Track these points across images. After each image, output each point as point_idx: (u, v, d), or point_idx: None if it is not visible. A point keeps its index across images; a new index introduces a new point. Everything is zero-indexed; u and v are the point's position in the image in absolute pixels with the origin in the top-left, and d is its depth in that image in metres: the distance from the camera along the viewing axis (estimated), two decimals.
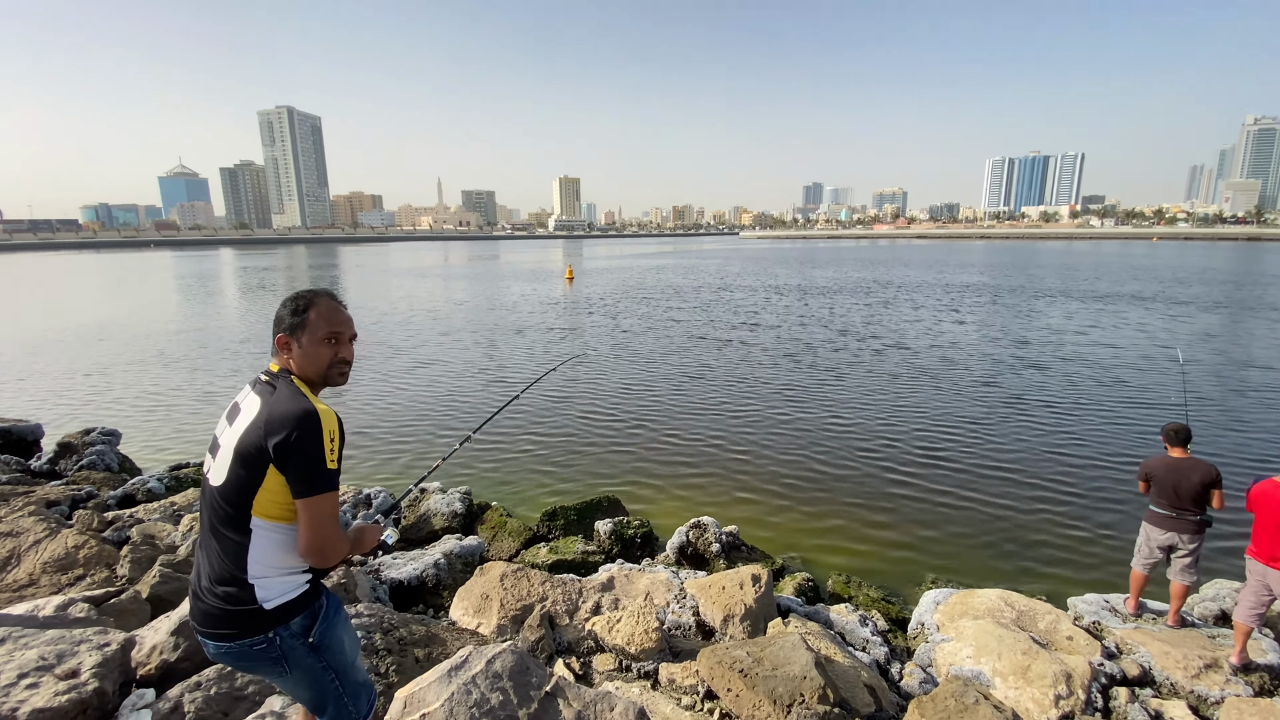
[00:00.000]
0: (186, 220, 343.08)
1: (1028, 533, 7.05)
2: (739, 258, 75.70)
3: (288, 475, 1.76)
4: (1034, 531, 7.07)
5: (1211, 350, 16.44)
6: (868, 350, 16.51)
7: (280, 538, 1.82)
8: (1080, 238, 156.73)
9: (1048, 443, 9.58)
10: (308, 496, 1.76)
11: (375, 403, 12.41)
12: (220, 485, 1.80)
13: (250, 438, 1.77)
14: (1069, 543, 6.82)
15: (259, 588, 1.81)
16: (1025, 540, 6.91)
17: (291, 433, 1.74)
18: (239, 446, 1.78)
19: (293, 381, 1.91)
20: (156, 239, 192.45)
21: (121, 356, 17.16)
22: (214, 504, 1.82)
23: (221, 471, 1.81)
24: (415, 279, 46.52)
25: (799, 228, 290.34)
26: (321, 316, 1.97)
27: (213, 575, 1.82)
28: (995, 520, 7.33)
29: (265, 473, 1.76)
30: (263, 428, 1.76)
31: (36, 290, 41.53)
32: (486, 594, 4.56)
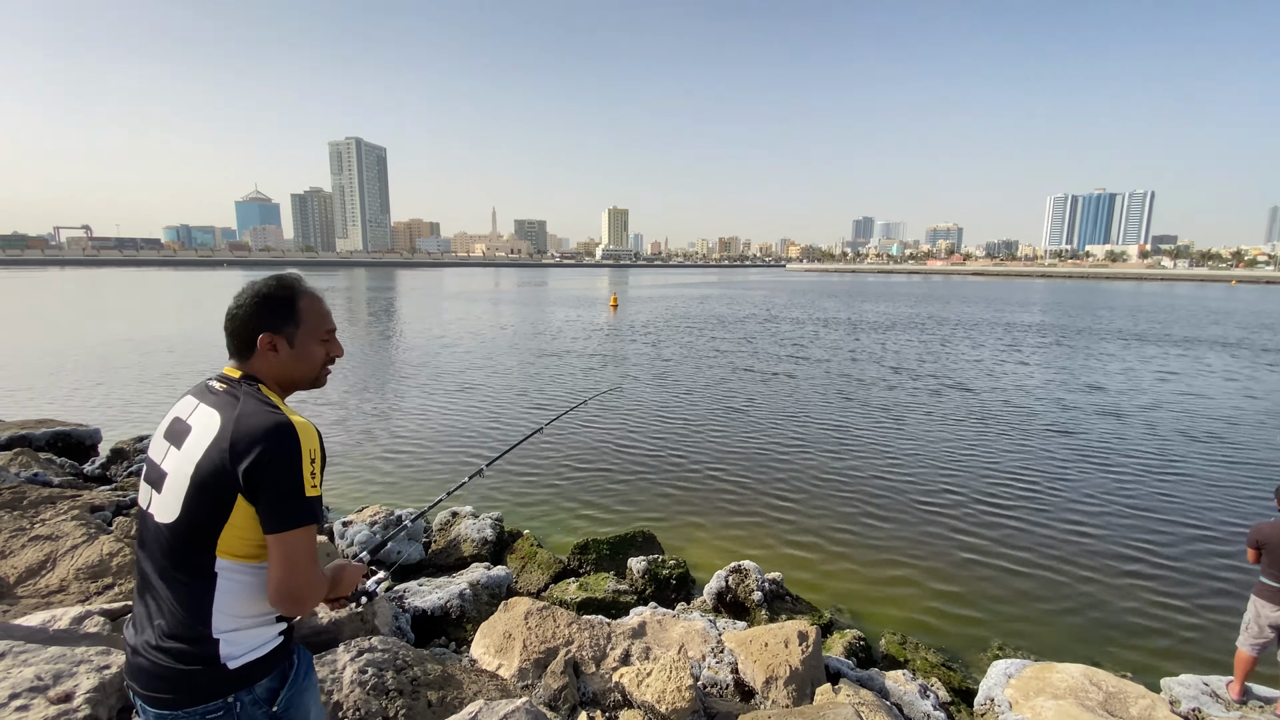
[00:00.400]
0: (258, 242, 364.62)
1: (1111, 600, 6.32)
2: (785, 289, 74.84)
3: (259, 506, 1.45)
4: (1118, 599, 6.33)
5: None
6: (925, 390, 15.64)
7: (251, 580, 1.51)
8: (1151, 278, 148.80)
9: (1133, 500, 8.70)
10: (282, 531, 1.44)
11: (415, 421, 12.45)
12: (173, 522, 1.46)
13: (211, 462, 1.44)
14: (1160, 615, 6.06)
15: (224, 643, 1.48)
16: (1108, 609, 6.18)
17: (264, 454, 1.42)
18: (196, 474, 1.45)
19: (260, 390, 1.59)
20: (229, 259, 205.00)
21: (188, 367, 17.93)
22: (163, 544, 1.48)
23: (172, 505, 1.47)
24: (466, 302, 47.67)
25: (848, 261, 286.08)
26: (315, 310, 1.69)
27: (164, 629, 1.48)
28: (1072, 585, 6.60)
29: (233, 504, 1.44)
30: (227, 449, 1.43)
31: (117, 302, 44.40)
32: (509, 632, 4.27)
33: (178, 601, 1.48)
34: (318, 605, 1.56)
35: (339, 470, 9.62)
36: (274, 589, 1.46)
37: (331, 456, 10.24)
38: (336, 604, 1.83)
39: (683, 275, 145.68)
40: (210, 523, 1.45)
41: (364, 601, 1.89)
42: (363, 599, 1.87)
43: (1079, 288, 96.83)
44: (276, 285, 1.65)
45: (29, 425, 9.01)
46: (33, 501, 6.11)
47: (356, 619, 3.66)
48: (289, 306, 1.65)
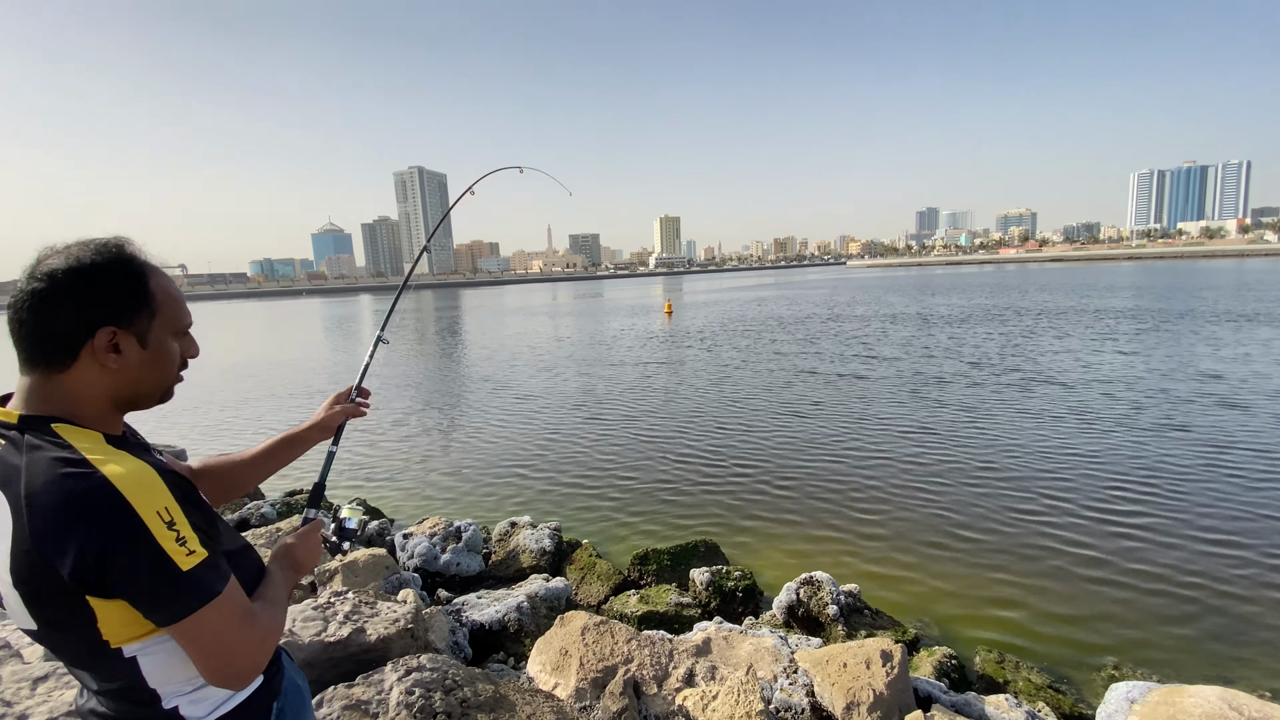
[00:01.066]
0: (333, 271, 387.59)
1: (1239, 612, 5.49)
2: (847, 287, 72.49)
3: (127, 601, 1.04)
4: (1246, 610, 5.50)
5: None
6: (1010, 385, 14.40)
7: (175, 646, 1.11)
8: (1254, 254, 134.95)
9: (1264, 500, 7.66)
10: (175, 623, 1.05)
11: (475, 435, 12.58)
12: (37, 631, 1.08)
13: (24, 569, 1.01)
14: None
15: (185, 705, 1.16)
16: (1235, 622, 5.37)
17: (86, 547, 0.97)
18: (19, 585, 1.03)
19: (56, 433, 1.06)
20: (308, 288, 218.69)
21: (268, 389, 18.96)
22: (50, 646, 1.12)
23: (21, 615, 1.07)
24: (525, 317, 48.65)
25: (913, 254, 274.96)
26: (170, 293, 1.24)
27: (108, 706, 1.16)
28: (1195, 594, 5.80)
29: (89, 606, 1.03)
30: (33, 550, 0.98)
31: (212, 333, 47.87)
32: (566, 649, 4.05)
33: (107, 685, 1.14)
34: (267, 660, 1.19)
35: (399, 485, 9.77)
36: (202, 674, 1.11)
37: (393, 471, 10.44)
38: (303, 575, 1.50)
39: (737, 279, 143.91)
40: (79, 626, 1.06)
41: (345, 549, 1.70)
42: (343, 548, 1.67)
43: (1172, 268, 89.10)
44: (114, 255, 1.13)
45: None
46: None
47: (406, 635, 3.53)
48: (137, 286, 1.16)
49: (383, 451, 11.55)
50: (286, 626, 3.51)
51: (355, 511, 1.78)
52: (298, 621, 3.38)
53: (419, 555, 6.14)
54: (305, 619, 3.44)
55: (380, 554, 5.52)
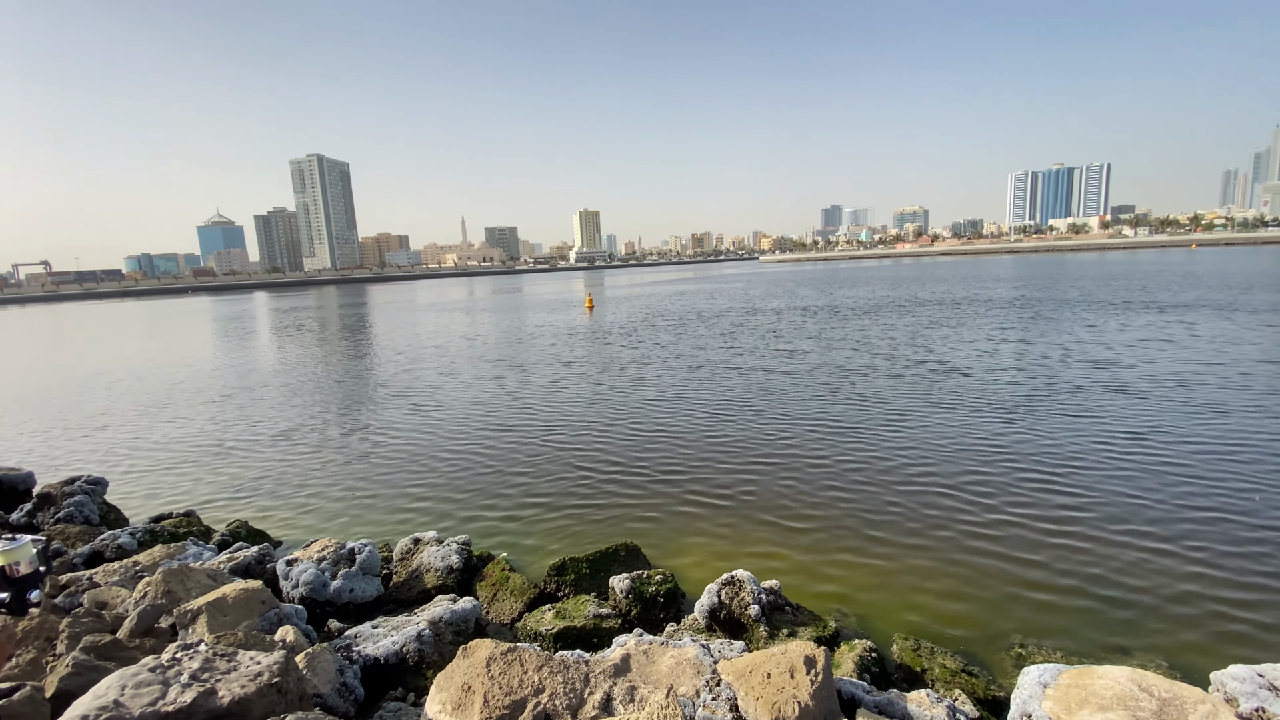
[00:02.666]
0: (223, 266, 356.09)
1: (1131, 583, 5.87)
2: (761, 281, 74.77)
3: None
4: (1138, 581, 5.89)
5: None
6: (916, 378, 15.12)
7: None
8: (1114, 248, 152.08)
9: (1156, 480, 8.32)
10: None
11: (374, 445, 11.70)
12: None
13: None
14: (1191, 595, 5.62)
15: None
16: (1128, 593, 5.73)
17: None
18: None
19: None
20: (194, 285, 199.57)
21: (141, 401, 16.87)
22: None
23: None
24: (438, 313, 46.55)
25: (819, 250, 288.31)
26: None
27: None
28: (1090, 570, 6.16)
29: None
30: None
31: (75, 339, 42.52)
32: (469, 684, 3.63)
33: None
34: None
35: (288, 503, 8.84)
36: None
37: (278, 488, 9.45)
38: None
39: (658, 273, 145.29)
40: None
41: (34, 602, 1.25)
42: (31, 599, 1.22)
43: (1045, 261, 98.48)
44: None
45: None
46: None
47: (272, 691, 2.99)
48: None
49: (269, 466, 10.46)
50: (112, 697, 2.88)
51: (16, 549, 1.30)
52: (127, 689, 2.76)
53: (305, 584, 5.47)
54: (139, 684, 2.83)
55: (255, 586, 4.83)
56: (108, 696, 2.84)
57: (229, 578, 5.35)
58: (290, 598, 5.52)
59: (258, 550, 6.18)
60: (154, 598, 4.92)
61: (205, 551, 6.39)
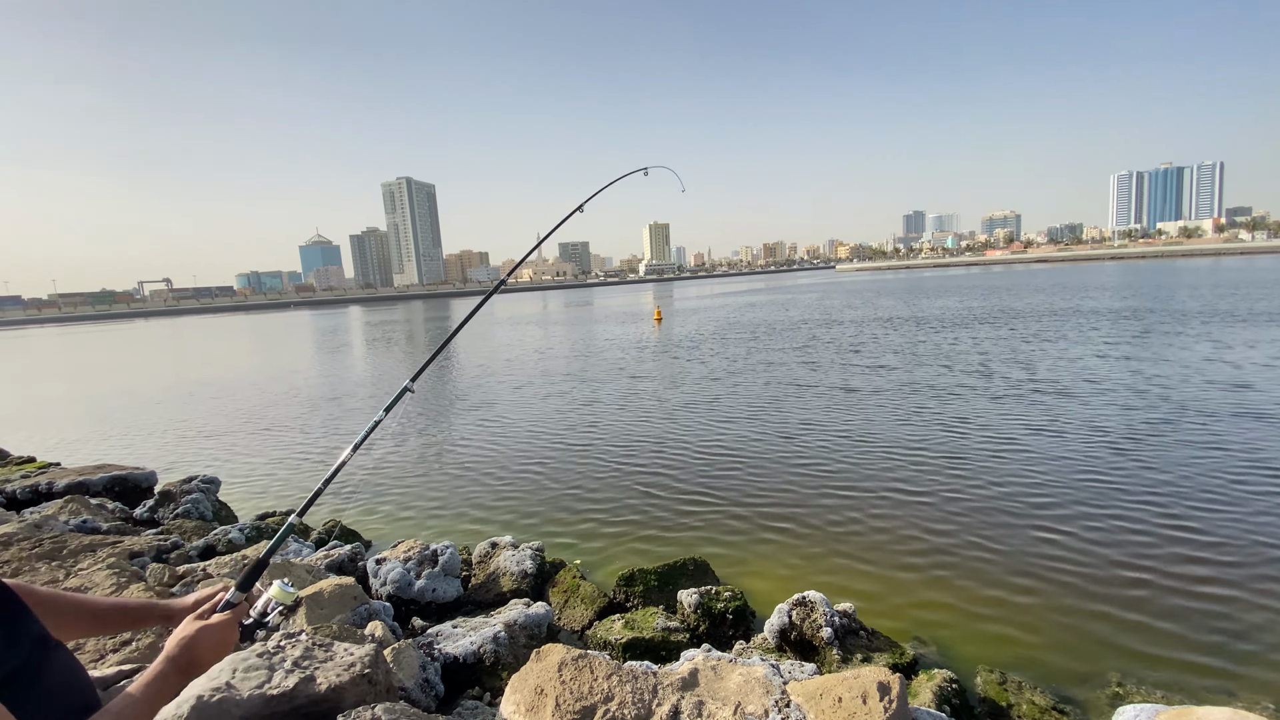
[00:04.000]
0: (321, 283, 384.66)
1: (1241, 620, 5.28)
2: (838, 291, 72.67)
3: None
4: (1248, 617, 5.29)
5: None
6: (1011, 396, 13.90)
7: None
8: (1230, 253, 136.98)
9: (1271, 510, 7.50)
10: None
11: (458, 453, 12.25)
12: None
13: None
14: None
15: None
16: (1240, 632, 5.15)
17: None
18: None
19: None
20: (296, 300, 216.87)
21: (247, 407, 18.51)
22: None
23: None
24: (514, 326, 48.29)
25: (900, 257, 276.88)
26: None
27: None
28: (1196, 604, 5.59)
29: None
30: None
31: (197, 348, 47.14)
32: (541, 687, 3.75)
33: None
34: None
35: (379, 506, 9.42)
36: None
37: (368, 491, 10.08)
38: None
39: (727, 284, 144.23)
40: None
41: (259, 634, 1.41)
42: (256, 635, 1.38)
43: (1154, 268, 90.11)
44: None
45: (87, 471, 9.21)
46: (72, 550, 6.05)
47: (363, 681, 3.22)
48: None
49: (360, 470, 11.20)
50: (225, 679, 3.20)
51: (287, 594, 1.47)
52: (238, 672, 3.06)
53: (392, 582, 5.82)
54: (248, 668, 3.12)
55: (348, 583, 5.19)
56: (220, 679, 3.15)
57: (325, 573, 5.78)
58: (379, 594, 5.89)
59: (350, 549, 6.64)
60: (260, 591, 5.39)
61: (304, 548, 6.92)
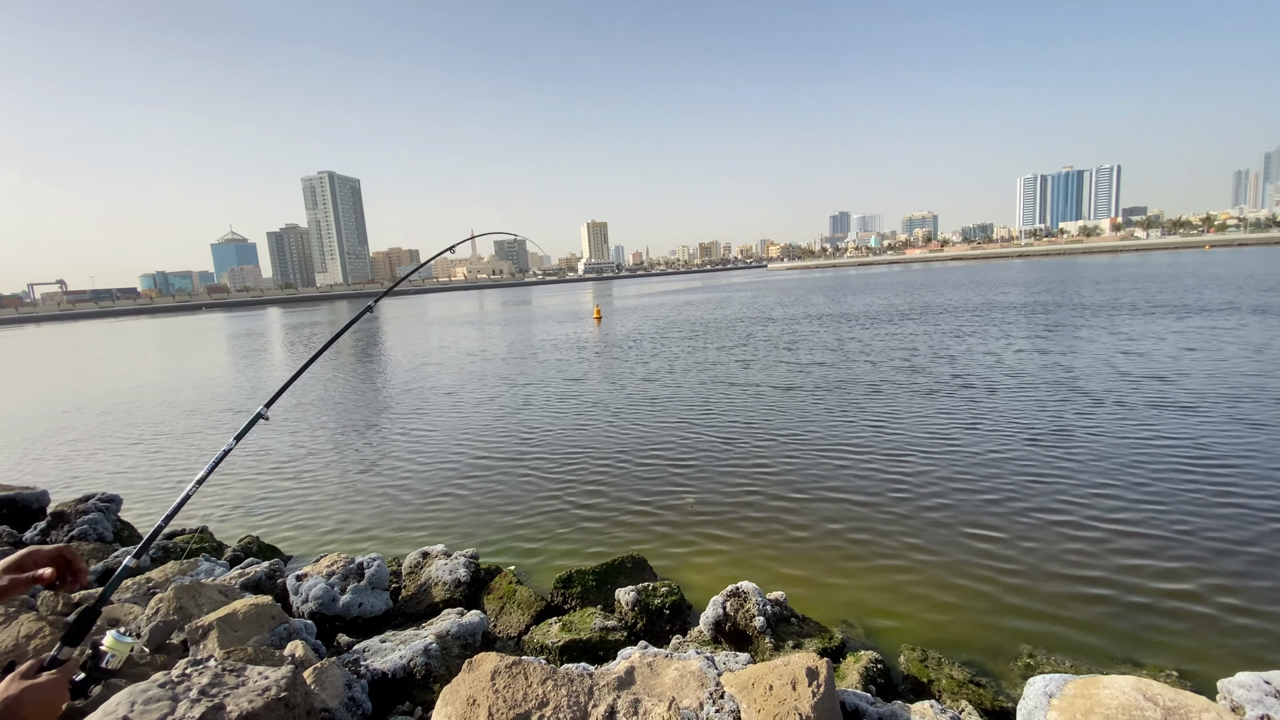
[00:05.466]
0: (236, 283, 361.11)
1: (1144, 593, 5.80)
2: (770, 289, 74.72)
3: None
4: (1151, 591, 5.82)
5: None
6: (931, 388, 14.91)
7: None
8: (1126, 250, 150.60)
9: (1161, 483, 8.26)
10: None
11: (384, 463, 11.80)
12: None
13: None
14: (1205, 606, 5.54)
15: None
16: (1140, 603, 5.67)
17: None
18: None
19: None
20: (208, 302, 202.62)
21: (153, 420, 17.14)
22: None
23: None
24: (448, 327, 46.94)
25: (828, 257, 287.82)
26: None
27: None
28: (1101, 577, 6.10)
29: None
30: None
31: (90, 359, 43.27)
32: (474, 698, 3.67)
33: None
34: None
35: (296, 518, 8.94)
36: None
37: (288, 504, 9.56)
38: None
39: (666, 283, 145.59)
40: None
41: (93, 691, 1.23)
42: (89, 692, 1.20)
43: (1057, 264, 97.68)
44: None
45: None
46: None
47: (279, 706, 3.05)
48: None
49: (279, 482, 10.58)
50: (123, 714, 2.95)
51: (122, 644, 1.29)
52: (136, 705, 2.83)
53: (314, 599, 5.54)
54: (148, 700, 2.89)
55: (265, 601, 4.90)
56: (117, 713, 2.91)
57: (240, 593, 5.44)
58: (300, 612, 5.59)
59: (268, 565, 6.27)
60: (166, 614, 5.01)
61: (217, 567, 6.48)
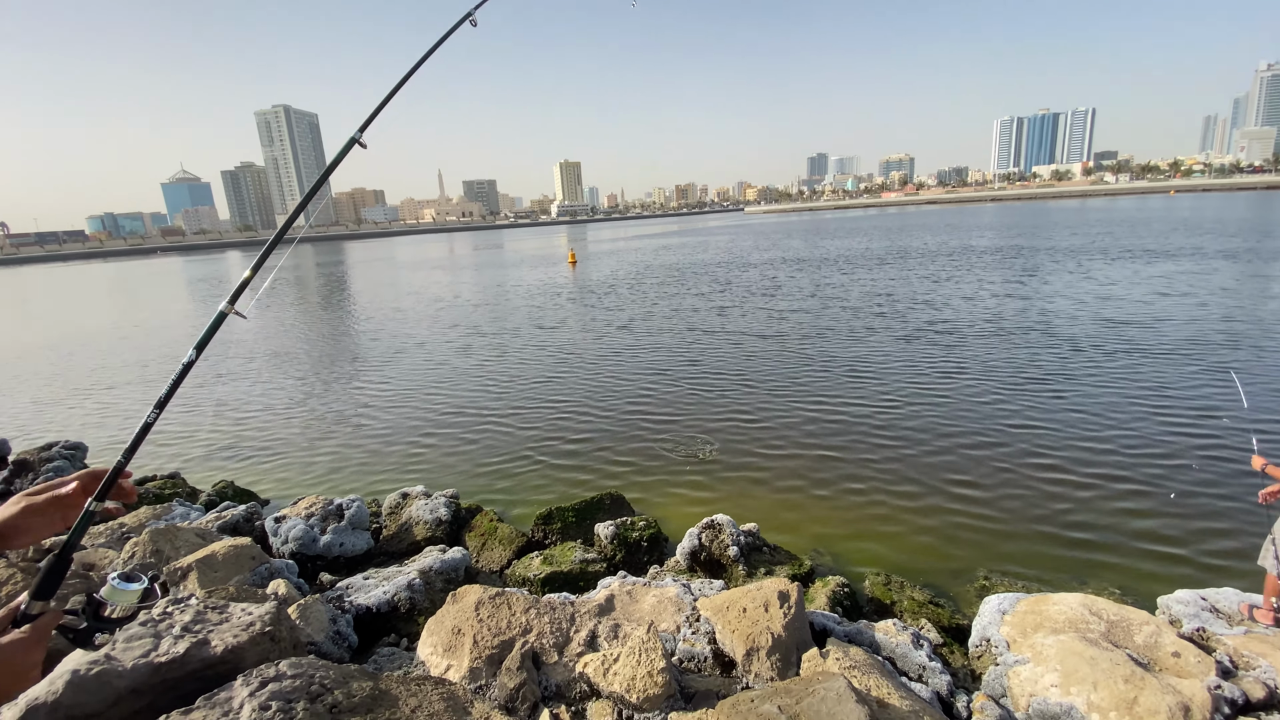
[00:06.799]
0: (191, 225, 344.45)
1: (1092, 517, 6.16)
2: (748, 233, 74.13)
3: None
4: (1099, 516, 6.18)
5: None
6: (899, 329, 15.20)
7: None
8: (1095, 194, 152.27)
9: (1106, 419, 8.64)
10: None
11: (361, 407, 11.69)
12: None
13: None
14: (1147, 528, 5.92)
15: None
16: (1089, 527, 6.02)
17: None
18: None
19: None
20: (163, 245, 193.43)
21: (115, 365, 16.61)
22: None
23: None
24: (417, 271, 45.80)
25: (805, 200, 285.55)
26: None
27: None
28: (1050, 503, 6.44)
29: None
30: None
31: (43, 304, 41.38)
32: (459, 627, 3.78)
33: None
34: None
35: (272, 462, 8.87)
36: None
37: (264, 446, 9.47)
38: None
39: (642, 226, 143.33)
40: None
41: (97, 642, 1.13)
42: (95, 641, 1.11)
43: (1028, 209, 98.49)
44: None
45: None
46: None
47: (265, 639, 3.10)
48: None
49: (254, 427, 10.44)
50: (104, 651, 2.96)
51: (122, 592, 1.13)
52: (118, 644, 2.84)
53: (294, 539, 5.57)
54: (130, 638, 2.91)
55: (244, 543, 4.91)
56: (99, 653, 2.93)
57: (217, 535, 5.43)
58: (280, 553, 5.63)
59: (245, 509, 6.25)
60: (142, 557, 4.99)
61: (192, 511, 6.45)
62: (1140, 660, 3.43)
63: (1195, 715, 3.02)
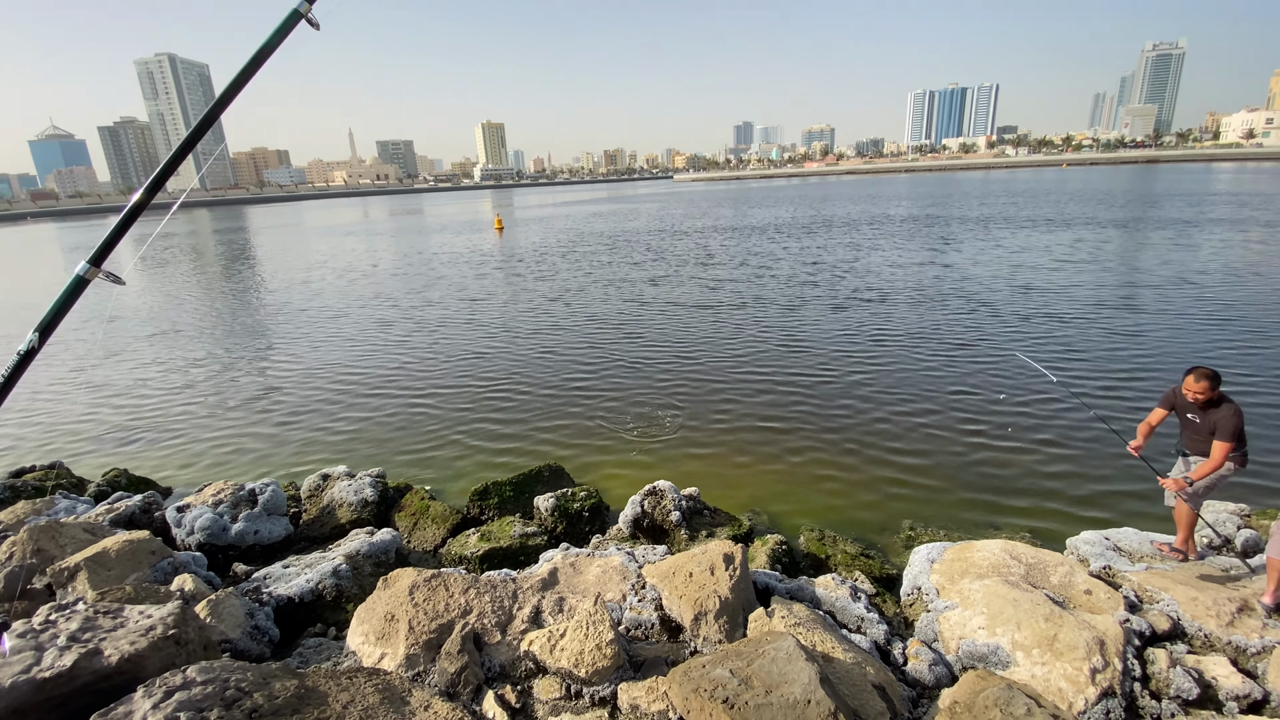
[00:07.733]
0: (66, 188, 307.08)
1: (1004, 468, 6.60)
2: (678, 200, 74.06)
3: None
4: (1009, 466, 6.63)
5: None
6: (833, 298, 15.50)
7: None
8: (997, 167, 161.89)
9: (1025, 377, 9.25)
10: None
11: (272, 385, 10.89)
12: None
13: None
14: (1052, 475, 6.39)
15: None
16: (1001, 476, 6.45)
17: None
18: None
19: None
20: (34, 210, 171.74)
21: None
22: None
23: None
24: (331, 236, 42.93)
25: (732, 168, 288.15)
26: None
27: None
28: (968, 457, 6.85)
29: None
30: None
31: None
32: (392, 614, 3.57)
33: None
34: None
35: (171, 448, 8.11)
36: None
37: (162, 431, 8.66)
38: None
39: (570, 193, 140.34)
40: None
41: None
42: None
43: (938, 179, 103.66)
44: None
45: None
46: None
47: (169, 643, 2.78)
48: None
49: (150, 410, 9.50)
50: None
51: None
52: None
53: (201, 529, 5.10)
54: (6, 653, 2.53)
55: (141, 537, 4.44)
56: None
57: (110, 530, 4.89)
58: (186, 545, 5.15)
59: (142, 499, 5.67)
60: (22, 558, 4.42)
61: (79, 505, 5.79)
62: (1057, 599, 3.68)
63: (1109, 648, 3.27)
